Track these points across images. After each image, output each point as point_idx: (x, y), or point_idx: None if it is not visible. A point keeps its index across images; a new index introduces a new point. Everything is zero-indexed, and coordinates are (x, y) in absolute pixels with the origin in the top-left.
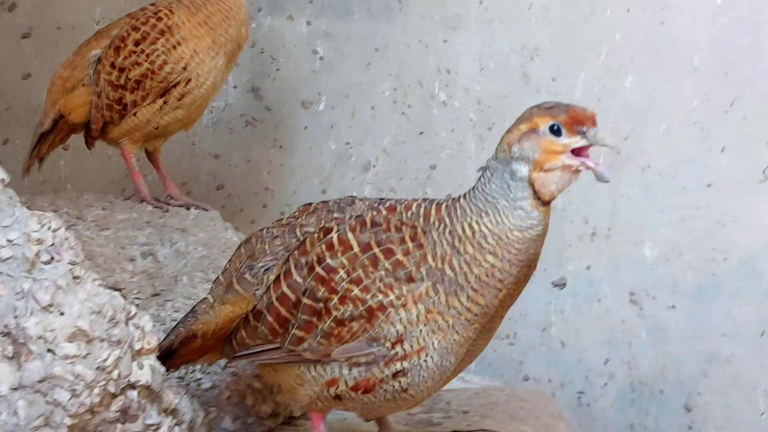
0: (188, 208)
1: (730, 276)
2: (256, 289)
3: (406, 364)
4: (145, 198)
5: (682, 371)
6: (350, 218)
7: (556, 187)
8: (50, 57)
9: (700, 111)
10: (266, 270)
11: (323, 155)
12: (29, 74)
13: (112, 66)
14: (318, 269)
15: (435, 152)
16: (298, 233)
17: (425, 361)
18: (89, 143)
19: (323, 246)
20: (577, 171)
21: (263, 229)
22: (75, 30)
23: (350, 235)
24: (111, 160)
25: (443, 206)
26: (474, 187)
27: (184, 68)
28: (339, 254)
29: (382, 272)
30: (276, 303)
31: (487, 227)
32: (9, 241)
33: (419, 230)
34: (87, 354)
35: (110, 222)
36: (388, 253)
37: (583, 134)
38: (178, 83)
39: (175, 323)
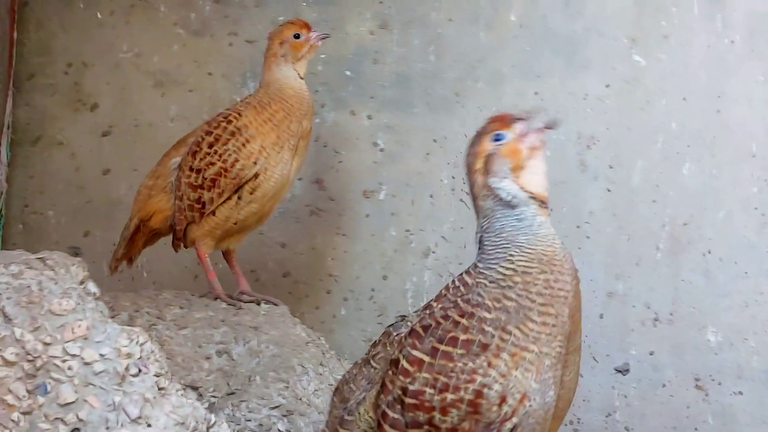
0: (258, 303)
1: None
2: (357, 427)
3: (515, 419)
4: (219, 295)
5: None
6: (406, 338)
7: (542, 173)
8: (128, 153)
9: (759, 197)
10: (358, 404)
11: (384, 242)
12: (109, 170)
13: (191, 169)
14: (407, 399)
15: None
16: (373, 363)
17: (531, 406)
18: (176, 246)
19: (400, 377)
20: (541, 143)
21: (345, 374)
22: (152, 127)
23: (415, 353)
24: (184, 249)
25: (470, 271)
26: (481, 256)
27: (255, 163)
28: (416, 374)
29: (460, 363)
30: None
31: (522, 260)
32: (101, 355)
33: (461, 303)
34: None
35: (188, 321)
36: (453, 341)
37: (519, 120)
38: (250, 179)
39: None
